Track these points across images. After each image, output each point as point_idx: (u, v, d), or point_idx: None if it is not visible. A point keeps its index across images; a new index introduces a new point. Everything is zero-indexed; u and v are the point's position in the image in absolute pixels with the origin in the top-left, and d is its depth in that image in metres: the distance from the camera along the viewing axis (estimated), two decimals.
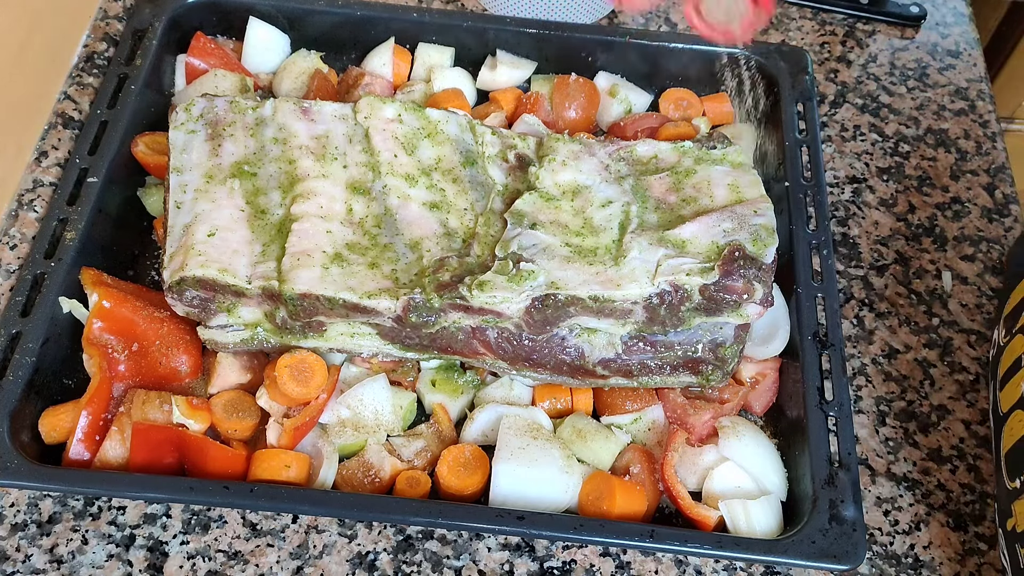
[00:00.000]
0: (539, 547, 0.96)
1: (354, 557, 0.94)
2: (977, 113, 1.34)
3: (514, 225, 0.98)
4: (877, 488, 1.02)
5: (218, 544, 0.94)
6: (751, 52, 1.23)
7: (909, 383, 1.09)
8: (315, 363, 0.98)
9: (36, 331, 0.96)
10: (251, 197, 1.00)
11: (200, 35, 1.22)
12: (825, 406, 0.97)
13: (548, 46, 1.26)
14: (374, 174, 1.03)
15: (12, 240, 1.11)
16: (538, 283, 0.93)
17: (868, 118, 1.32)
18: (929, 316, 1.14)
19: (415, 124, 1.07)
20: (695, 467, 0.99)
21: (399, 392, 1.01)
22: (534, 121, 1.17)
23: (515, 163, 1.06)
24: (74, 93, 1.23)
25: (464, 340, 0.96)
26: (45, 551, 0.93)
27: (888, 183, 1.26)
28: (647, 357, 0.97)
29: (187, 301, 0.96)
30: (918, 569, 0.97)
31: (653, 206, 1.02)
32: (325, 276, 0.93)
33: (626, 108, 1.26)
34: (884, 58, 1.39)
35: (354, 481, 0.95)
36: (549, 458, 0.95)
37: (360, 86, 1.21)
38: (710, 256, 0.94)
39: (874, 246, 1.20)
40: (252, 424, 0.98)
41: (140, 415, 0.94)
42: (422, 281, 0.94)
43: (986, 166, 1.28)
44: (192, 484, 0.90)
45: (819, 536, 0.90)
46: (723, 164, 1.04)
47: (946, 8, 1.45)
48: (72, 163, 1.08)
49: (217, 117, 1.05)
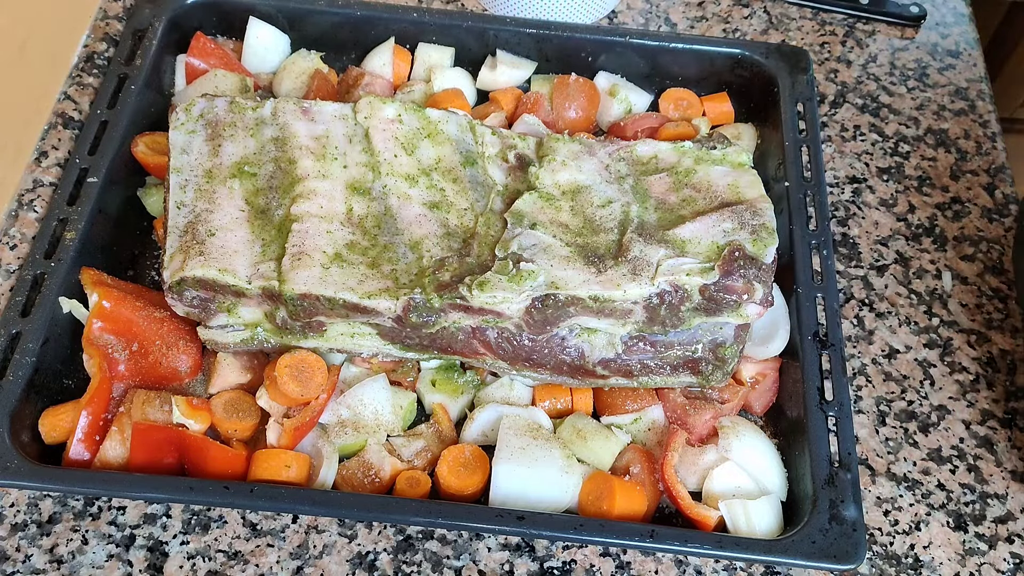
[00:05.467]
0: (539, 547, 0.96)
1: (354, 557, 0.94)
2: (977, 113, 1.34)
3: (514, 225, 0.98)
4: (877, 488, 1.02)
5: (218, 544, 0.94)
6: (751, 52, 1.23)
7: (909, 383, 1.09)
8: (315, 363, 0.98)
9: (36, 331, 0.96)
10: (251, 197, 1.00)
11: (200, 35, 1.22)
12: (825, 406, 0.97)
13: (548, 46, 1.26)
14: (374, 174, 1.03)
15: (12, 240, 1.11)
16: (538, 283, 0.93)
17: (868, 118, 1.32)
18: (929, 316, 1.14)
19: (415, 124, 1.07)
20: (695, 467, 0.99)
21: (399, 392, 1.01)
22: (534, 121, 1.17)
23: (515, 163, 1.06)
24: (74, 93, 1.23)
25: (464, 340, 0.96)
26: (45, 551, 0.93)
27: (888, 183, 1.26)
28: (647, 357, 0.97)
29: (187, 301, 0.96)
30: (918, 569, 0.97)
31: (653, 206, 1.02)
32: (325, 276, 0.93)
33: (626, 108, 1.26)
34: (884, 58, 1.39)
35: (354, 481, 0.95)
36: (549, 458, 0.95)
37: (360, 86, 1.21)
38: (710, 256, 0.94)
39: (874, 246, 1.20)
40: (252, 424, 0.98)
41: (140, 415, 0.94)
42: (422, 281, 0.93)
43: (986, 166, 1.28)
44: (192, 484, 0.90)
45: (819, 536, 0.90)
46: (723, 164, 1.04)
47: (946, 8, 1.45)
48: (72, 163, 1.08)
49: (217, 117, 1.05)
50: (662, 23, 1.40)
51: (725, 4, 1.43)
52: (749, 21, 1.41)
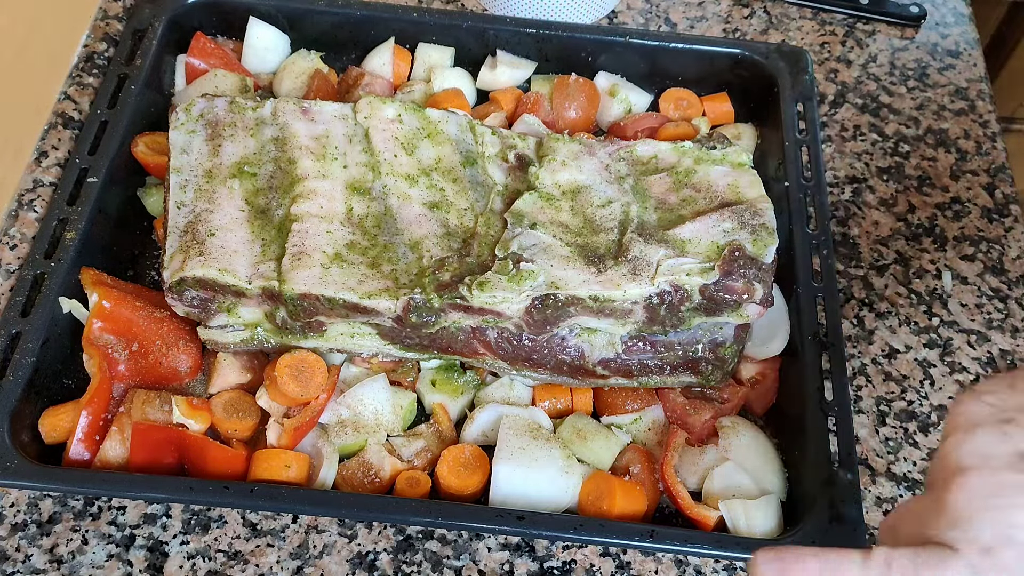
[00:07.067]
0: (539, 547, 0.96)
1: (354, 557, 0.94)
2: (977, 113, 1.34)
3: (514, 225, 0.98)
4: (877, 488, 1.02)
5: (218, 544, 0.94)
6: (751, 52, 1.23)
7: (909, 383, 1.09)
8: (315, 363, 0.98)
9: (36, 331, 0.96)
10: (251, 197, 1.00)
11: (200, 35, 1.22)
12: (825, 406, 0.97)
13: (548, 46, 1.26)
14: (374, 174, 1.03)
15: (12, 240, 1.11)
16: (538, 283, 0.93)
17: (868, 118, 1.32)
18: (929, 316, 1.14)
19: (415, 124, 1.07)
20: (695, 467, 0.99)
21: (399, 392, 1.01)
22: (534, 121, 1.17)
23: (515, 163, 1.06)
24: (74, 93, 1.23)
25: (464, 340, 0.96)
26: (45, 551, 0.93)
27: (888, 183, 1.26)
28: (647, 357, 0.97)
29: (187, 301, 0.96)
30: None
31: (653, 206, 1.02)
32: (325, 276, 0.93)
33: (626, 108, 1.26)
34: (884, 58, 1.39)
35: (354, 481, 0.95)
36: (549, 458, 0.95)
37: (360, 86, 1.21)
38: (710, 256, 0.94)
39: (874, 246, 1.20)
40: (252, 424, 0.98)
41: (140, 415, 0.94)
42: (422, 281, 0.93)
43: (986, 166, 1.28)
44: (192, 484, 0.90)
45: (819, 536, 0.90)
46: (723, 164, 1.04)
47: (946, 8, 1.45)
48: (72, 163, 1.08)
49: (217, 117, 1.05)
50: (662, 23, 1.40)
51: (725, 4, 1.43)
52: (749, 21, 1.41)
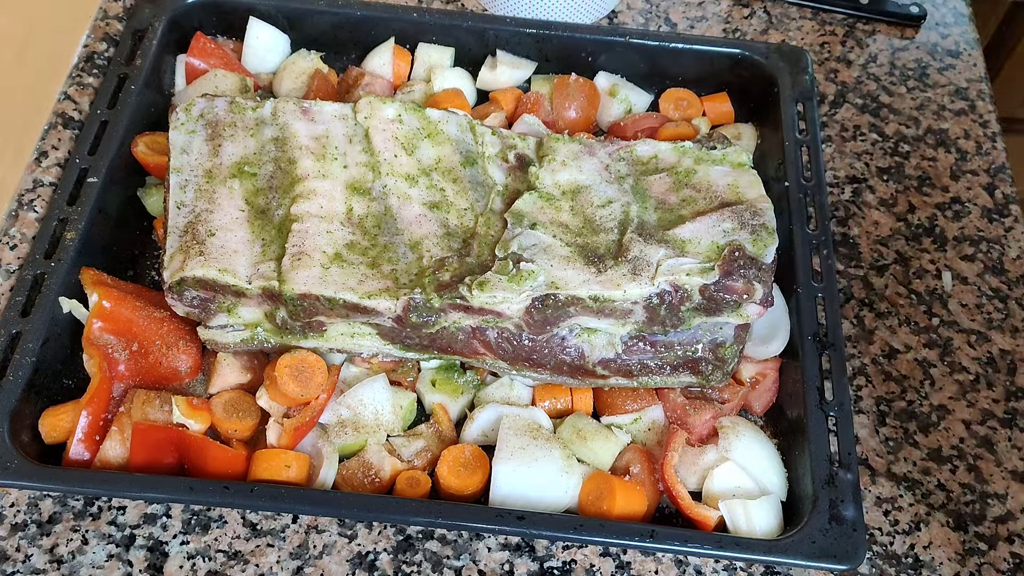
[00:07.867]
0: (539, 547, 0.96)
1: (354, 557, 0.94)
2: (977, 113, 1.34)
3: (514, 225, 0.98)
4: (877, 488, 1.02)
5: (218, 544, 0.94)
6: (751, 52, 1.23)
7: (909, 383, 1.09)
8: (315, 363, 0.98)
9: (36, 331, 0.96)
10: (251, 197, 1.00)
11: (200, 35, 1.22)
12: (825, 406, 0.97)
13: (548, 46, 1.26)
14: (374, 174, 1.03)
15: (12, 240, 1.11)
16: (538, 283, 0.93)
17: (868, 118, 1.32)
18: (929, 316, 1.14)
19: (415, 124, 1.07)
20: (695, 467, 0.99)
21: (399, 392, 1.01)
22: (534, 121, 1.17)
23: (515, 163, 1.06)
24: (74, 93, 1.23)
25: (464, 340, 0.96)
26: (45, 551, 0.93)
27: (888, 183, 1.26)
28: (647, 357, 0.97)
29: (187, 301, 0.96)
30: (918, 569, 0.97)
31: (653, 206, 1.02)
32: (325, 276, 0.93)
33: (626, 108, 1.26)
34: (884, 58, 1.39)
35: (354, 481, 0.95)
36: (549, 458, 0.95)
37: (360, 86, 1.21)
38: (710, 256, 0.94)
39: (874, 246, 1.20)
40: (252, 424, 0.98)
41: (140, 415, 0.94)
42: (422, 281, 0.93)
43: (986, 166, 1.28)
44: (192, 484, 0.90)
45: (819, 536, 0.90)
46: (723, 164, 1.04)
47: (946, 8, 1.45)
48: (72, 163, 1.08)
49: (217, 117, 1.05)
50: (662, 23, 1.40)
51: (725, 4, 1.43)
52: (749, 21, 1.41)
